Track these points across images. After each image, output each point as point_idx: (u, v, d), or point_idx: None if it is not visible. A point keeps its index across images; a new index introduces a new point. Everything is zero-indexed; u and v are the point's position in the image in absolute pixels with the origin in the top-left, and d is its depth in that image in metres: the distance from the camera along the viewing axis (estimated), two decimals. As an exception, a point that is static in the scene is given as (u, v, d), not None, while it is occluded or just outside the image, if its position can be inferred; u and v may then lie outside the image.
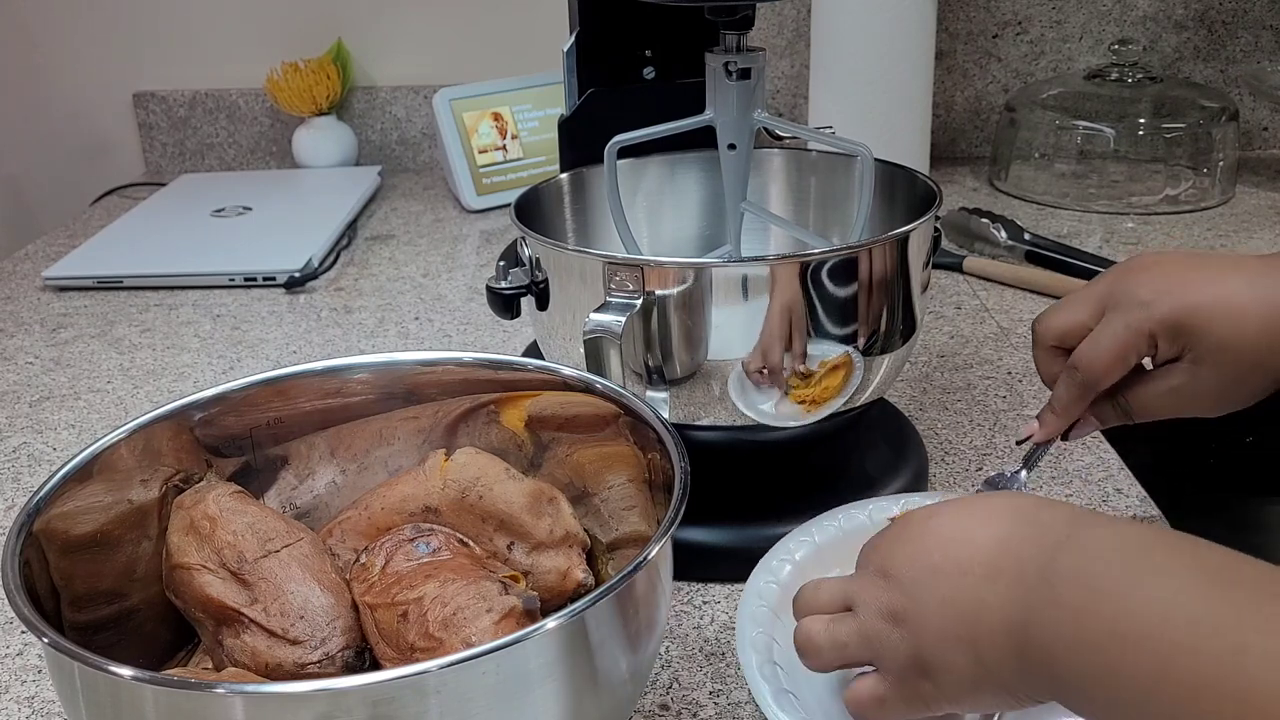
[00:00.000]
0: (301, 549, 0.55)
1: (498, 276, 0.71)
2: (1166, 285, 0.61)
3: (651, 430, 0.56)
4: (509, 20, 1.54)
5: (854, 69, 1.27)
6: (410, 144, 1.59)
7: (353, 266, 1.25)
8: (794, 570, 0.63)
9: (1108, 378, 0.63)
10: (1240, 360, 0.60)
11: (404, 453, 0.65)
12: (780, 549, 0.64)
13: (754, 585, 0.62)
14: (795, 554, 0.64)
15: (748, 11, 0.69)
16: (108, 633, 0.54)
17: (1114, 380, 0.63)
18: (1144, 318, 0.60)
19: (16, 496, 0.83)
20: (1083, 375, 0.63)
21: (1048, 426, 0.66)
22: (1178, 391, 0.62)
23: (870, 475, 0.75)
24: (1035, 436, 0.66)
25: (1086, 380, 0.63)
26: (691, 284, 0.64)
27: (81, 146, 1.63)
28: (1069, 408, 0.64)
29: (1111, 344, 0.62)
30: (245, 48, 1.56)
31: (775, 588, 0.62)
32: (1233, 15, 1.47)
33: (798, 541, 0.65)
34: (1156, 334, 0.61)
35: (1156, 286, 0.61)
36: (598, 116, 0.81)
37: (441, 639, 0.50)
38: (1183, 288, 0.60)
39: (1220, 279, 0.60)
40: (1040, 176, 1.37)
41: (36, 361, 1.04)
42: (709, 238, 0.86)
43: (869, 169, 0.70)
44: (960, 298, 1.10)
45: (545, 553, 0.59)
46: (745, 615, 0.60)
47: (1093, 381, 0.63)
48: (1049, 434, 0.66)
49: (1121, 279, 0.63)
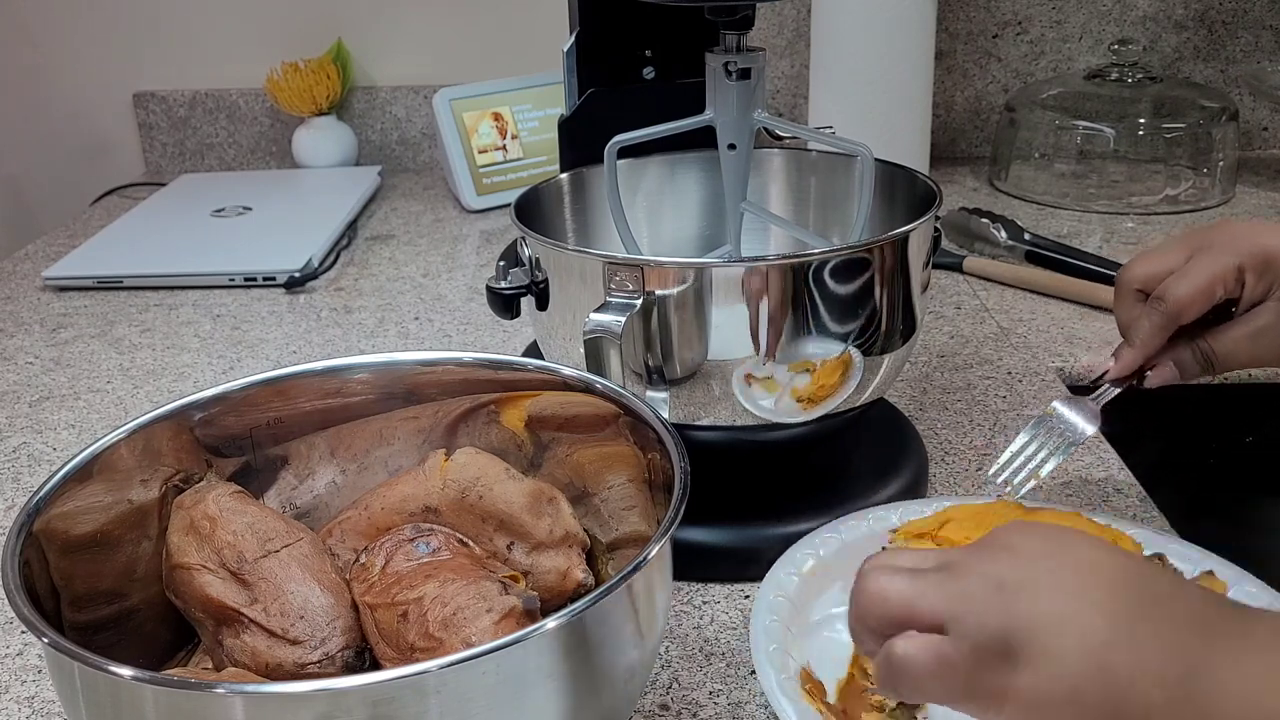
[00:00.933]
0: (301, 549, 0.55)
1: (498, 276, 0.71)
2: (1252, 232, 0.63)
3: (651, 430, 0.56)
4: (509, 20, 1.54)
5: (854, 69, 1.27)
6: (410, 144, 1.59)
7: (353, 266, 1.25)
8: (800, 583, 0.63)
9: (1192, 309, 0.62)
10: None
11: (404, 453, 0.65)
12: (785, 562, 0.64)
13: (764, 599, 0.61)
14: (803, 566, 0.64)
15: (748, 11, 0.69)
16: (108, 633, 0.54)
17: (1198, 313, 0.63)
18: (1234, 252, 0.61)
19: (16, 496, 0.83)
20: (1168, 305, 0.62)
21: (1124, 360, 0.64)
22: (1263, 334, 0.62)
23: (870, 475, 0.75)
24: (1110, 372, 0.64)
25: (1170, 310, 0.62)
26: (691, 284, 0.64)
27: (81, 146, 1.63)
28: (1149, 340, 0.63)
29: (1201, 275, 0.62)
30: (245, 48, 1.56)
31: (784, 601, 0.62)
32: (1233, 15, 1.47)
33: (803, 554, 0.65)
34: (1245, 267, 0.61)
35: (1242, 232, 0.63)
36: (598, 116, 0.81)
37: (441, 639, 0.50)
38: (1269, 234, 0.62)
39: None
40: (1040, 176, 1.37)
41: (36, 361, 1.04)
42: (709, 238, 0.86)
43: (869, 169, 0.70)
44: (960, 298, 1.10)
45: (545, 553, 0.59)
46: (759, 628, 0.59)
47: (1177, 311, 0.62)
48: (1124, 369, 0.64)
49: (1208, 231, 0.64)
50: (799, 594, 0.62)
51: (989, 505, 0.66)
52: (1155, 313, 0.63)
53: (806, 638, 0.61)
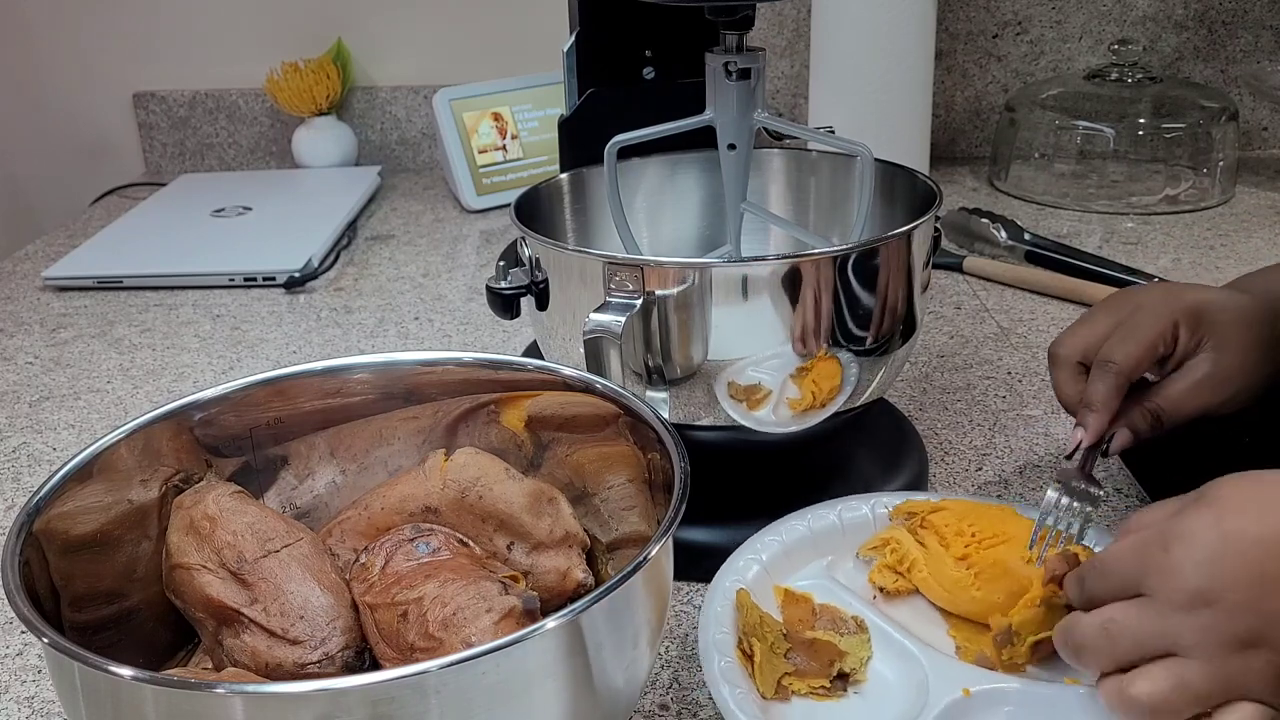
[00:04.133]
0: (301, 549, 0.55)
1: (498, 276, 0.71)
2: (1177, 290, 0.67)
3: (651, 430, 0.56)
4: (509, 20, 1.54)
5: (854, 69, 1.27)
6: (410, 144, 1.59)
7: (353, 266, 1.25)
8: (760, 571, 0.63)
9: (1140, 366, 0.65)
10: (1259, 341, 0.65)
11: (404, 453, 0.65)
12: (747, 549, 0.65)
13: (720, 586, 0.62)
14: (762, 554, 0.64)
15: (748, 11, 0.69)
16: (108, 633, 0.54)
17: (1143, 371, 0.66)
18: (1166, 310, 0.65)
19: (16, 496, 0.83)
20: (1119, 364, 0.65)
21: (1093, 426, 0.66)
22: (1203, 384, 0.65)
23: (870, 475, 0.75)
24: (1084, 440, 0.66)
25: (1122, 369, 0.65)
26: (691, 284, 0.64)
27: (81, 146, 1.63)
28: (1108, 401, 0.65)
29: (1143, 334, 0.65)
30: (245, 48, 1.56)
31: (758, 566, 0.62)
32: (1233, 15, 1.47)
33: (764, 542, 0.65)
34: (1179, 322, 0.64)
35: (1168, 291, 0.67)
36: (598, 116, 0.81)
37: (441, 639, 0.50)
38: (1189, 291, 0.67)
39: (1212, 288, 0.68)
40: (1040, 176, 1.37)
41: (36, 361, 1.04)
42: (709, 238, 0.86)
43: (869, 169, 0.70)
44: (960, 298, 1.10)
45: (545, 553, 0.59)
46: (710, 617, 0.59)
47: (1129, 369, 0.65)
48: (1096, 433, 0.66)
49: (1126, 296, 0.69)
50: (774, 562, 0.64)
51: (983, 504, 0.66)
52: (1108, 374, 0.65)
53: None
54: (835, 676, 0.58)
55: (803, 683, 0.57)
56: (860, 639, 0.60)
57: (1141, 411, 0.66)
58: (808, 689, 0.57)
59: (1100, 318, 0.68)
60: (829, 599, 0.63)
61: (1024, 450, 0.82)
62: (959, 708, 0.54)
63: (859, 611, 0.61)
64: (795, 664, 0.58)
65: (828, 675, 0.58)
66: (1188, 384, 0.65)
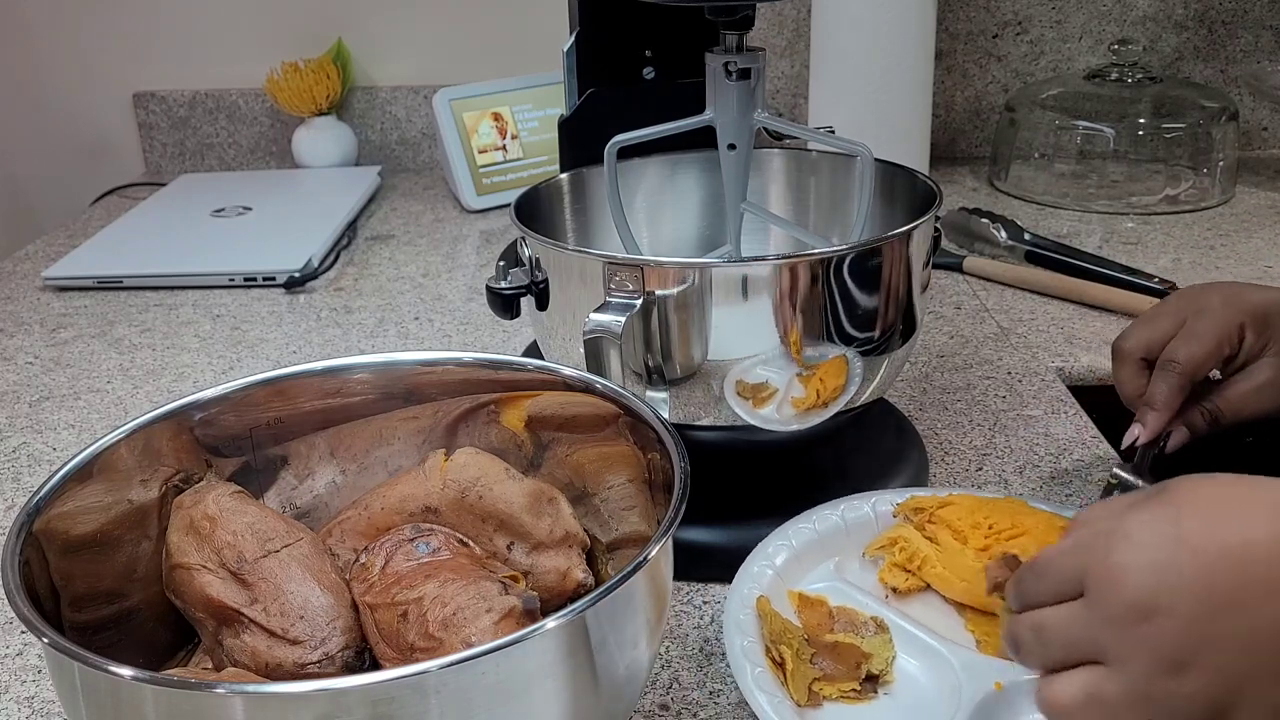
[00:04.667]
0: (301, 549, 0.55)
1: (498, 276, 0.71)
2: (1243, 290, 0.67)
3: (651, 430, 0.56)
4: (509, 20, 1.54)
5: (854, 69, 1.27)
6: (410, 144, 1.59)
7: (353, 266, 1.25)
8: (774, 577, 0.63)
9: (1204, 367, 0.65)
10: None
11: (404, 453, 0.65)
12: (759, 555, 0.64)
13: (739, 591, 0.62)
14: (775, 559, 0.64)
15: (748, 11, 0.69)
16: (108, 633, 0.54)
17: (1209, 370, 0.66)
18: (1233, 310, 0.65)
19: (16, 496, 0.83)
20: (1181, 365, 0.65)
21: (1151, 424, 0.66)
22: (1266, 388, 0.65)
23: (870, 475, 0.75)
24: (1141, 437, 0.66)
25: (1185, 369, 0.65)
26: (691, 284, 0.64)
27: (81, 146, 1.63)
28: (1169, 401, 0.65)
29: (1209, 335, 0.65)
30: (245, 48, 1.56)
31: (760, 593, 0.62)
32: (1233, 15, 1.47)
33: (775, 547, 0.65)
34: (1245, 324, 0.64)
35: (1235, 291, 0.67)
36: (598, 116, 0.81)
37: (441, 639, 0.50)
38: (1256, 293, 0.66)
39: (1277, 289, 0.67)
40: (1040, 176, 1.37)
41: (36, 361, 1.04)
42: (709, 238, 0.86)
43: (869, 169, 0.70)
44: (960, 298, 1.10)
45: (545, 553, 0.59)
46: (731, 624, 0.59)
47: (1191, 370, 0.65)
48: (1154, 432, 0.66)
49: (1192, 294, 0.68)
50: (786, 567, 0.63)
51: (991, 499, 0.66)
52: (1171, 375, 0.65)
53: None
54: (864, 679, 0.58)
55: (833, 687, 0.57)
56: (882, 639, 0.60)
57: (1200, 411, 0.66)
58: (838, 693, 0.57)
59: (1165, 316, 0.67)
60: (844, 601, 0.63)
61: (1024, 450, 0.82)
62: (993, 701, 0.54)
63: (876, 612, 0.61)
64: (822, 669, 0.58)
65: (856, 678, 0.58)
66: (1250, 387, 0.65)
